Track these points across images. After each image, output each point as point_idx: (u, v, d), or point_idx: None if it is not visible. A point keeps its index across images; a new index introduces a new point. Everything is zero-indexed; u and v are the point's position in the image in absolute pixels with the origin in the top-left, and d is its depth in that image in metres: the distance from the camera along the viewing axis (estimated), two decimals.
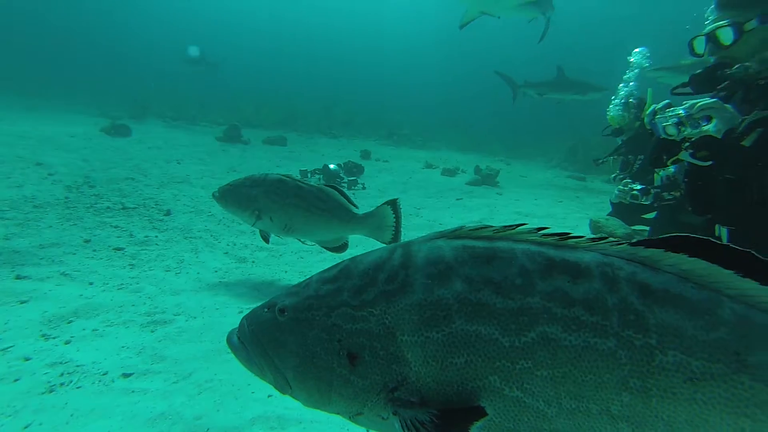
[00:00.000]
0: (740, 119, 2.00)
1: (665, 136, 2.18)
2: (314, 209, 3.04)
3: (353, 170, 7.74)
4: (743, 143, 1.97)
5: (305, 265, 3.96)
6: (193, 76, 17.74)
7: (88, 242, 3.86)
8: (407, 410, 0.89)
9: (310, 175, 7.14)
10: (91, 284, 3.14)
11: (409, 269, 0.93)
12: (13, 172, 5.59)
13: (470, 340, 0.86)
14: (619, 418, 0.82)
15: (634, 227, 4.63)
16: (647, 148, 4.04)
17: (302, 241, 3.45)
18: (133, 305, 2.91)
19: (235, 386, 2.15)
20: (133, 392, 2.07)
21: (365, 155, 9.84)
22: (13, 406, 1.91)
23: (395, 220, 3.03)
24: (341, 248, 3.33)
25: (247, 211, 3.10)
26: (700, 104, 2.06)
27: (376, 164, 9.39)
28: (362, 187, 7.20)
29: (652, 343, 0.80)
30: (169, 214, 4.92)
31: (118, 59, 22.84)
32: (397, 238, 3.01)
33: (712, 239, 0.81)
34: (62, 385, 2.07)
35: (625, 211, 4.59)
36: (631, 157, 4.97)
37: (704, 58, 2.30)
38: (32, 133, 8.13)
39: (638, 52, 5.47)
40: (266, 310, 1.05)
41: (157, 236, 4.23)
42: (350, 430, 1.88)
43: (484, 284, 0.87)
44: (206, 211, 5.22)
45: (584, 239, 0.90)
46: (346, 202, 3.17)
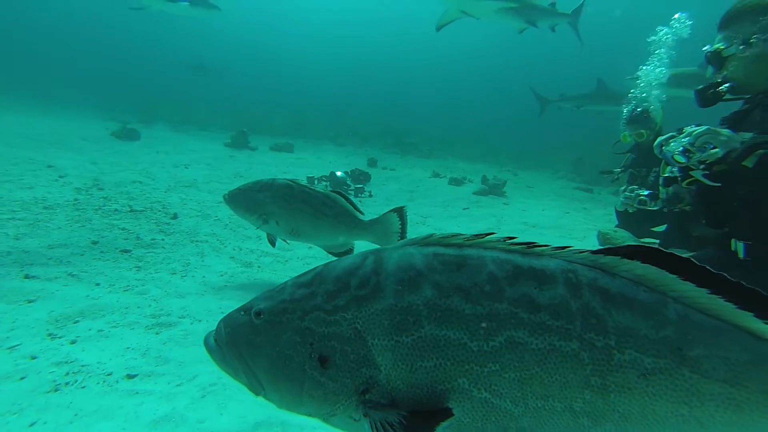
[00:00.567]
0: (740, 141, 2.07)
1: (676, 164, 2.27)
2: (320, 214, 3.06)
3: (360, 178, 7.76)
4: (744, 163, 2.01)
5: None
6: (195, 81, 18.06)
7: (95, 244, 3.88)
8: (377, 412, 0.91)
9: (317, 181, 7.16)
10: (97, 285, 3.15)
11: (380, 275, 0.95)
12: (25, 173, 5.66)
13: (439, 344, 0.90)
14: (580, 414, 0.88)
15: (643, 240, 4.56)
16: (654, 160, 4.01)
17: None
18: (138, 307, 2.91)
19: (239, 390, 2.13)
20: (137, 393, 2.06)
21: (372, 163, 9.86)
22: (18, 404, 1.92)
23: (401, 227, 3.03)
24: (346, 254, 3.33)
25: (254, 214, 3.12)
26: (695, 133, 2.15)
27: (383, 172, 9.40)
28: (369, 194, 7.20)
29: (611, 343, 0.86)
30: (175, 217, 4.94)
31: (128, 64, 23.21)
32: None
33: (660, 248, 0.89)
34: (67, 384, 2.07)
35: (632, 221, 4.49)
36: (639, 170, 4.87)
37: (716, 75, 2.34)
38: (45, 136, 8.24)
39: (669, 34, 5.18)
40: (243, 313, 1.06)
41: (163, 239, 4.25)
42: None
43: (453, 291, 0.91)
44: (213, 215, 5.24)
45: (549, 247, 0.94)
46: (351, 208, 3.18)
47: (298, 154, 10.53)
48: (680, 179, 2.28)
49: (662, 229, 4.34)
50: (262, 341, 1.00)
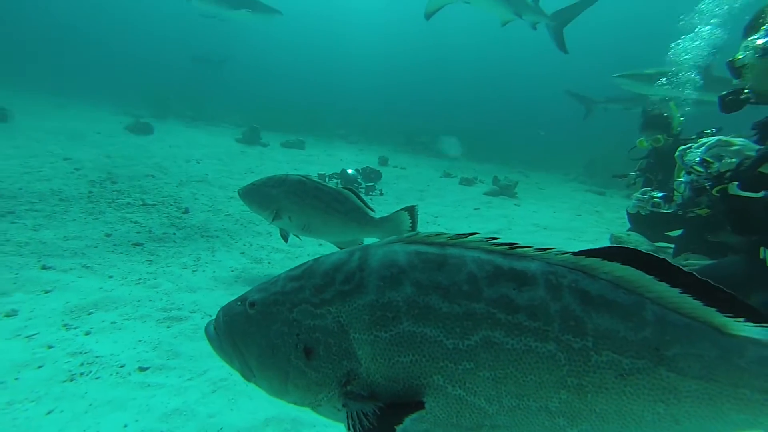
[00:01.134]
0: (755, 149, 2.08)
1: (696, 173, 2.31)
2: (332, 210, 3.07)
3: (371, 176, 7.75)
4: (761, 170, 2.02)
5: None
6: (206, 76, 18.30)
7: (109, 236, 3.92)
8: (356, 403, 0.95)
9: (328, 179, 7.17)
10: (110, 277, 3.18)
11: (364, 271, 0.98)
12: (43, 166, 5.75)
13: (416, 340, 0.92)
14: (557, 413, 0.90)
15: (657, 244, 4.48)
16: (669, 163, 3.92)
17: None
18: (150, 300, 2.93)
19: (248, 386, 2.13)
20: (148, 386, 2.08)
21: (383, 161, 9.85)
22: (36, 391, 1.95)
23: (411, 226, 3.02)
24: None
25: (267, 209, 3.13)
26: (707, 144, 2.19)
27: (393, 171, 9.38)
28: (380, 193, 7.19)
29: (588, 345, 0.88)
30: (187, 212, 4.97)
31: (141, 59, 23.44)
32: None
33: (639, 250, 0.91)
34: (82, 374, 2.10)
35: (644, 224, 4.39)
36: (655, 174, 4.73)
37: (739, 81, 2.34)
38: (62, 129, 8.36)
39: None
40: (239, 303, 1.11)
41: (175, 233, 4.28)
42: None
43: (432, 289, 0.93)
44: (224, 210, 5.26)
45: (532, 248, 0.96)
46: (363, 205, 3.18)
47: (309, 151, 10.55)
48: (709, 187, 2.27)
49: (676, 234, 4.27)
50: (254, 331, 1.05)
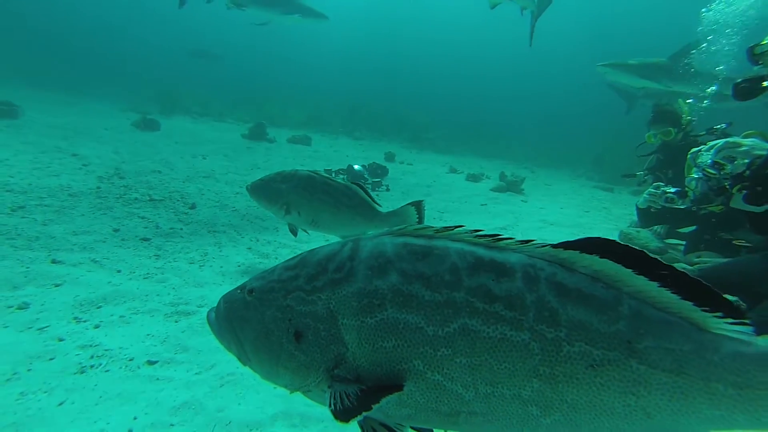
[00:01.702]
0: (766, 148, 2.06)
1: (710, 175, 2.32)
2: (341, 205, 3.08)
3: (377, 172, 7.72)
4: None
5: None
6: (197, 67, 18.42)
7: (117, 231, 3.94)
8: (340, 385, 0.99)
9: (334, 174, 7.16)
10: (118, 272, 3.19)
11: (354, 261, 1.03)
12: (52, 162, 5.78)
13: (398, 327, 0.96)
14: (529, 401, 0.92)
15: (668, 241, 4.42)
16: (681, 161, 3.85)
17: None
18: (158, 295, 2.94)
19: (256, 380, 2.14)
20: (157, 380, 2.08)
21: (389, 157, 9.82)
22: (48, 383, 1.97)
23: (418, 220, 3.02)
24: None
25: (276, 204, 3.14)
26: (716, 147, 2.17)
27: (400, 167, 9.35)
28: (386, 188, 7.17)
29: (561, 336, 0.90)
30: (193, 207, 4.98)
31: (148, 55, 23.52)
32: None
33: (616, 241, 0.93)
34: (92, 367, 2.11)
35: (653, 220, 4.32)
36: (665, 172, 4.65)
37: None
38: (71, 125, 8.41)
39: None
40: (239, 291, 1.16)
41: (182, 228, 4.29)
42: None
43: (416, 278, 0.97)
44: (230, 206, 5.27)
45: (514, 241, 0.99)
46: (370, 200, 3.18)
47: (315, 146, 10.54)
48: (729, 186, 2.25)
49: (687, 230, 4.20)
50: (251, 316, 1.09)
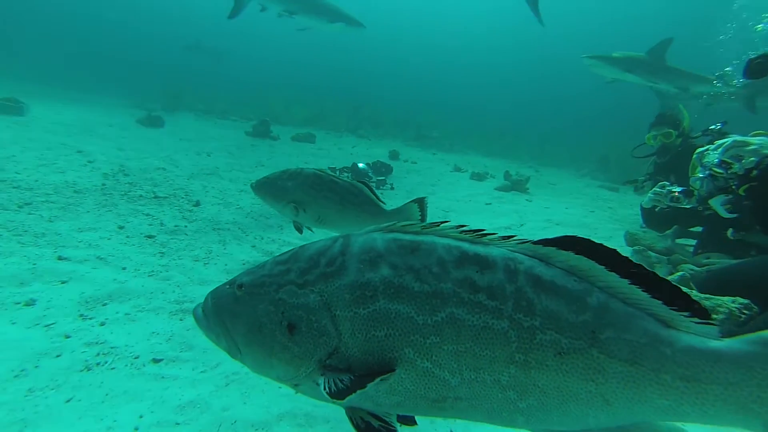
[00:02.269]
0: None
1: (717, 174, 2.30)
2: (347, 203, 3.08)
3: (382, 170, 7.71)
4: None
5: None
6: (193, 62, 18.54)
7: (121, 228, 3.94)
8: (333, 374, 1.03)
9: (339, 172, 7.15)
10: (123, 269, 3.20)
11: (345, 255, 1.07)
12: (58, 158, 5.80)
13: (390, 316, 1.00)
14: (507, 386, 0.98)
15: (679, 241, 4.38)
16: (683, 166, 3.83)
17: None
18: (162, 293, 2.94)
19: (261, 380, 2.13)
20: (163, 378, 2.08)
21: (393, 156, 9.79)
22: (56, 380, 1.98)
23: (421, 218, 3.03)
24: None
25: (282, 201, 3.14)
26: (724, 145, 2.14)
27: (404, 165, 9.33)
28: (390, 187, 7.15)
29: (536, 324, 0.96)
30: (198, 204, 4.99)
31: (153, 52, 23.57)
32: None
33: (592, 240, 0.98)
34: (98, 364, 2.12)
35: (658, 220, 4.29)
36: (667, 177, 4.61)
37: None
38: (75, 122, 8.44)
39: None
40: (228, 286, 1.18)
41: (186, 226, 4.29)
42: None
43: (406, 270, 1.02)
44: (234, 203, 5.27)
45: (496, 236, 1.05)
46: (375, 198, 3.19)
47: (319, 144, 10.53)
48: (735, 186, 2.22)
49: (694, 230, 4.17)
50: (242, 310, 1.11)
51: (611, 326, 0.94)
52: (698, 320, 0.93)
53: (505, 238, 1.04)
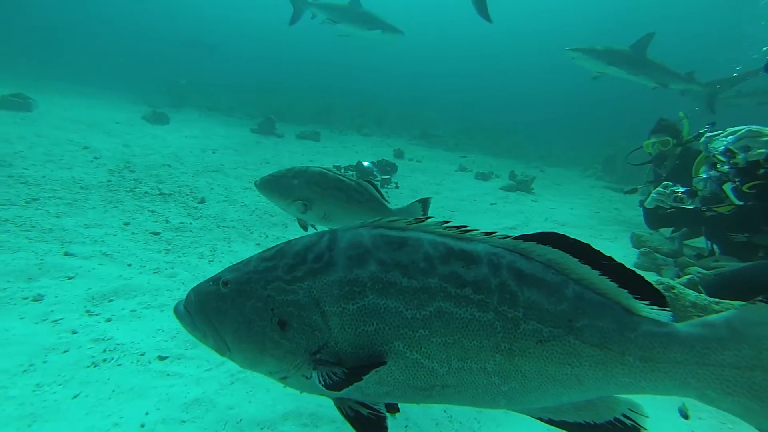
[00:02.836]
0: None
1: (719, 162, 2.28)
2: (353, 201, 3.08)
3: (386, 168, 7.70)
4: None
5: None
6: (191, 57, 18.86)
7: (127, 225, 3.96)
8: (325, 368, 1.05)
9: (343, 170, 7.14)
10: (129, 266, 3.21)
11: (333, 251, 1.08)
12: (64, 154, 5.83)
13: (379, 311, 1.03)
14: (492, 373, 1.04)
15: (687, 242, 4.35)
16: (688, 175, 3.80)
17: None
18: (168, 290, 2.95)
19: (266, 379, 2.12)
20: (168, 375, 2.09)
21: (398, 154, 9.78)
22: (63, 375, 1.99)
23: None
24: None
25: (288, 199, 3.14)
26: (738, 134, 2.11)
27: (409, 164, 9.32)
28: (395, 186, 7.14)
29: (519, 315, 1.02)
30: (203, 202, 5.00)
31: (159, 48, 23.64)
32: None
33: (567, 236, 1.04)
34: (104, 361, 2.12)
35: (660, 221, 4.26)
36: (665, 186, 4.59)
37: None
38: (82, 118, 8.47)
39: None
40: (211, 283, 1.17)
41: (191, 223, 4.30)
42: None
43: (393, 266, 1.04)
44: (239, 201, 5.28)
45: (479, 232, 1.09)
46: (380, 196, 3.18)
47: (324, 142, 10.53)
48: (739, 184, 2.18)
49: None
50: (228, 308, 1.11)
51: (586, 315, 1.02)
52: (656, 307, 1.03)
53: (487, 233, 1.09)
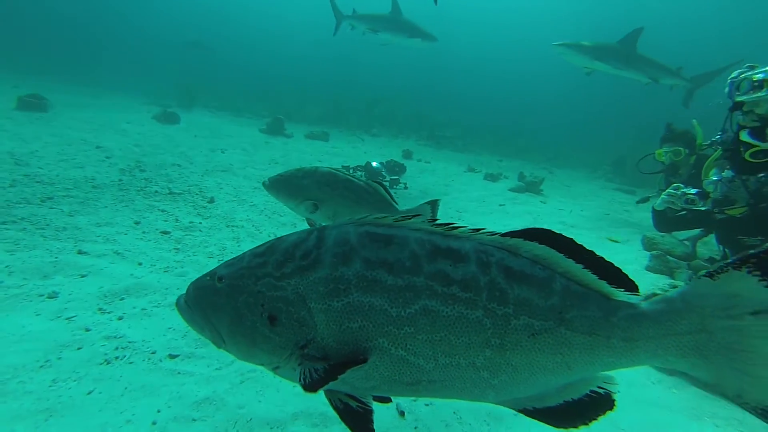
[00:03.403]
0: None
1: (743, 94, 2.29)
2: (363, 201, 3.08)
3: (395, 169, 7.69)
4: None
5: None
6: (191, 57, 19.34)
7: (138, 224, 4.00)
8: (310, 363, 1.07)
9: (352, 171, 7.15)
10: (140, 265, 3.24)
11: (320, 248, 1.10)
12: (77, 154, 5.90)
13: (364, 309, 1.05)
14: (481, 368, 1.06)
15: (700, 241, 4.28)
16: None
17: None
18: (177, 288, 2.98)
19: (276, 378, 2.14)
20: (179, 374, 2.10)
21: (407, 155, 9.77)
22: (77, 372, 2.03)
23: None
24: None
25: (297, 199, 3.15)
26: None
27: (417, 164, 9.30)
28: (404, 186, 7.13)
29: (509, 311, 1.04)
30: (212, 201, 5.03)
31: (170, 48, 23.86)
32: None
33: (553, 231, 1.07)
34: (117, 358, 2.15)
35: (669, 223, 4.19)
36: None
37: None
38: (95, 118, 8.57)
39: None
40: (208, 278, 1.21)
41: (201, 222, 4.34)
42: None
43: (379, 264, 1.05)
44: (248, 200, 5.31)
45: (467, 229, 1.10)
46: (389, 197, 3.18)
47: (332, 143, 10.55)
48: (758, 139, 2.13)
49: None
50: (223, 302, 1.15)
51: (574, 306, 1.06)
52: (629, 293, 1.09)
53: (474, 230, 1.10)
